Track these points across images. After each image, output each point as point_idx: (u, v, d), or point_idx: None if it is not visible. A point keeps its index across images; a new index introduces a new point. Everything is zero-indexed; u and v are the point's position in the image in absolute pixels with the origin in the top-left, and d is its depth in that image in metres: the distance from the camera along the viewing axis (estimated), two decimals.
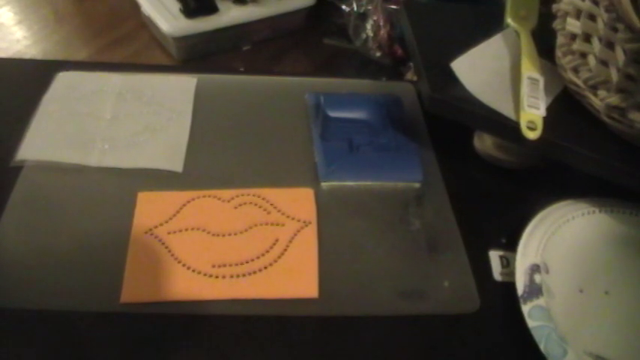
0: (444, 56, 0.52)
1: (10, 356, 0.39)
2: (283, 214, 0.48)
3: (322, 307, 0.43)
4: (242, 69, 0.66)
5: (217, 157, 0.53)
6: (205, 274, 0.43)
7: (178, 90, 0.59)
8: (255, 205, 0.49)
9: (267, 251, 0.45)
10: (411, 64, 0.66)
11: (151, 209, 0.47)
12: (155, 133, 0.54)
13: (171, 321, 0.41)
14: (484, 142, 0.55)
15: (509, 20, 0.56)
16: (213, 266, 0.44)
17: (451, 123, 0.50)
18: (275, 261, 0.45)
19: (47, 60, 0.65)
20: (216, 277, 0.43)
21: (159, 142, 0.53)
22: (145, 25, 0.70)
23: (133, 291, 0.42)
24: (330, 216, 0.49)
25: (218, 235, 0.46)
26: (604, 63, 0.45)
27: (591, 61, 0.47)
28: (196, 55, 0.67)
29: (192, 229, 0.46)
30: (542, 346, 0.40)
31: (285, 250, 0.46)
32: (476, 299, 0.45)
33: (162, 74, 0.61)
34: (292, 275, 0.44)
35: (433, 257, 0.47)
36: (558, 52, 0.51)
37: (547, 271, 0.45)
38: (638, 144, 0.47)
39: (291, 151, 0.55)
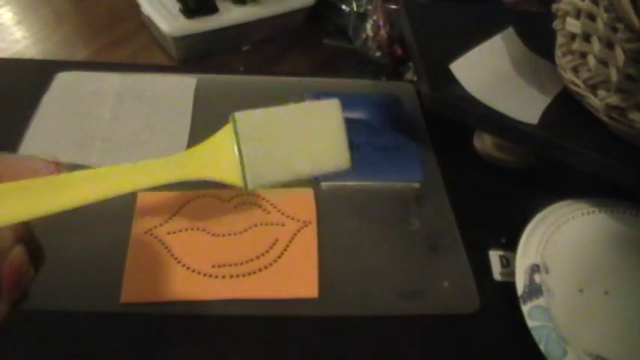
0: (443, 56, 0.52)
1: (11, 356, 0.39)
2: (283, 214, 0.48)
3: (322, 307, 0.43)
4: (242, 69, 0.66)
5: None
6: (205, 274, 0.43)
7: (178, 90, 0.59)
8: (255, 205, 0.49)
9: (267, 251, 0.45)
10: (411, 64, 0.66)
11: (150, 209, 0.47)
12: (155, 133, 0.54)
13: (171, 321, 0.41)
14: (484, 142, 0.55)
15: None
16: (213, 266, 0.44)
17: (451, 123, 0.50)
18: (275, 261, 0.45)
19: (47, 60, 0.65)
20: (216, 277, 0.43)
21: (158, 142, 0.53)
22: (144, 25, 0.70)
23: (132, 291, 0.42)
24: (330, 216, 0.49)
25: (218, 235, 0.46)
26: (604, 63, 0.45)
27: (591, 61, 0.47)
28: (196, 55, 0.67)
29: (192, 229, 0.46)
30: (542, 346, 0.40)
31: (285, 250, 0.46)
32: (476, 299, 0.45)
33: (162, 74, 0.61)
34: (292, 275, 0.44)
35: (433, 257, 0.47)
36: (558, 52, 0.51)
37: (547, 271, 0.45)
38: (638, 144, 0.46)
39: None
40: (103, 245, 0.45)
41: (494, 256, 0.48)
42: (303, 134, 0.31)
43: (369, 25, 0.68)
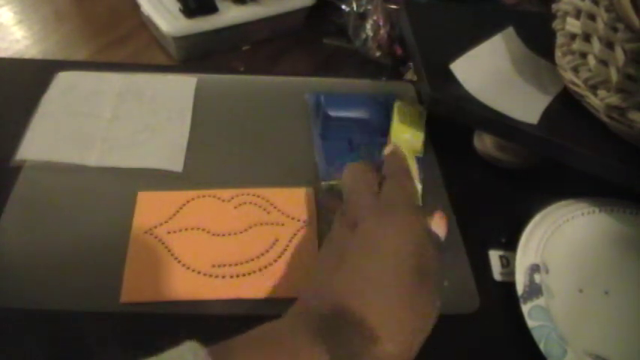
0: (443, 56, 0.52)
1: (10, 356, 0.39)
2: (283, 213, 0.48)
3: None
4: (242, 69, 0.66)
5: (217, 157, 0.53)
6: (205, 274, 0.43)
7: (178, 90, 0.59)
8: (255, 204, 0.49)
9: (267, 251, 0.45)
10: (411, 63, 0.66)
11: (150, 209, 0.47)
12: (155, 133, 0.54)
13: (171, 321, 0.41)
14: (484, 142, 0.55)
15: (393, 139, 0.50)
16: (213, 266, 0.44)
17: (451, 123, 0.50)
18: (275, 260, 0.45)
19: (47, 60, 0.65)
20: (216, 276, 0.43)
21: (159, 142, 0.53)
22: (144, 25, 0.70)
23: (132, 291, 0.42)
24: (331, 216, 0.49)
25: (218, 235, 0.46)
26: (604, 63, 0.45)
27: (591, 61, 0.47)
28: (196, 55, 0.67)
29: (192, 228, 0.46)
30: (542, 346, 0.40)
31: (285, 249, 0.46)
32: (475, 299, 0.45)
33: (162, 74, 0.61)
34: (292, 275, 0.44)
35: None
36: (558, 52, 0.51)
37: (547, 271, 0.45)
38: (638, 144, 0.47)
39: (291, 151, 0.55)
40: (103, 245, 0.45)
41: (494, 256, 0.48)
42: None
43: (369, 25, 0.68)
